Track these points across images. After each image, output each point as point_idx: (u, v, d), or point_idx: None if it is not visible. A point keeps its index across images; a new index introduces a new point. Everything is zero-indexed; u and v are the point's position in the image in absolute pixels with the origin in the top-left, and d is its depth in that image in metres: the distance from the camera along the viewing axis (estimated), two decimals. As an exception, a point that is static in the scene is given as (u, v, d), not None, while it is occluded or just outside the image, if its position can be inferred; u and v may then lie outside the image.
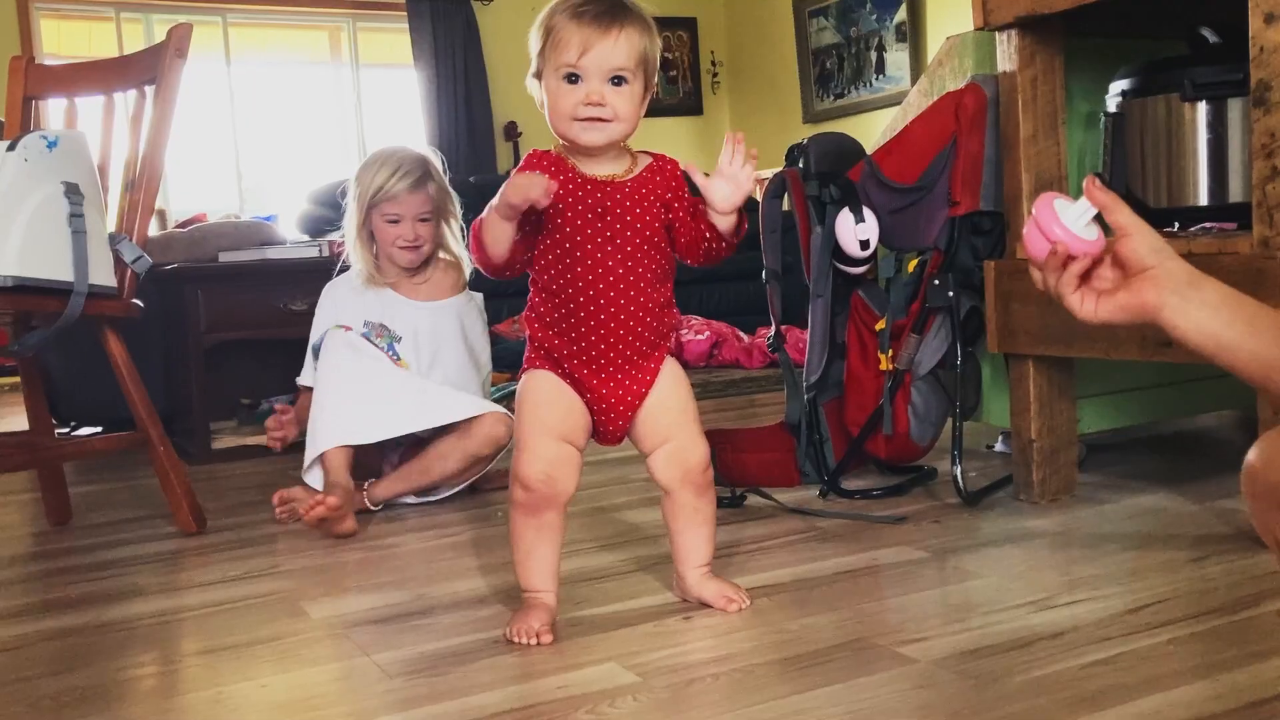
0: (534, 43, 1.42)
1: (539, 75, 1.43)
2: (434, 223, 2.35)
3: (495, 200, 1.37)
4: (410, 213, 2.31)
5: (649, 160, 1.48)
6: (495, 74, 7.06)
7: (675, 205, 1.46)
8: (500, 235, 1.39)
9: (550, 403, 1.46)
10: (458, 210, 2.41)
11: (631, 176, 1.45)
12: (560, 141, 1.46)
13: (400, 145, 2.41)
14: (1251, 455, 0.82)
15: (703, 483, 1.52)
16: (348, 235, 2.37)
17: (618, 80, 1.38)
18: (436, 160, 2.39)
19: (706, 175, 1.43)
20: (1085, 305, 0.95)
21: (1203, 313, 0.90)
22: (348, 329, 2.29)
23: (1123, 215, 0.94)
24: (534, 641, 1.41)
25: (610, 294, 1.43)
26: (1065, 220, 0.94)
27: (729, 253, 1.46)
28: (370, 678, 1.35)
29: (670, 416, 1.50)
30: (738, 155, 1.39)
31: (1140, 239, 0.93)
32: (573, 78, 1.38)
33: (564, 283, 1.44)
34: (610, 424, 1.49)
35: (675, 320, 1.52)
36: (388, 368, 2.27)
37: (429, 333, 2.36)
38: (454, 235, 2.40)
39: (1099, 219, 0.97)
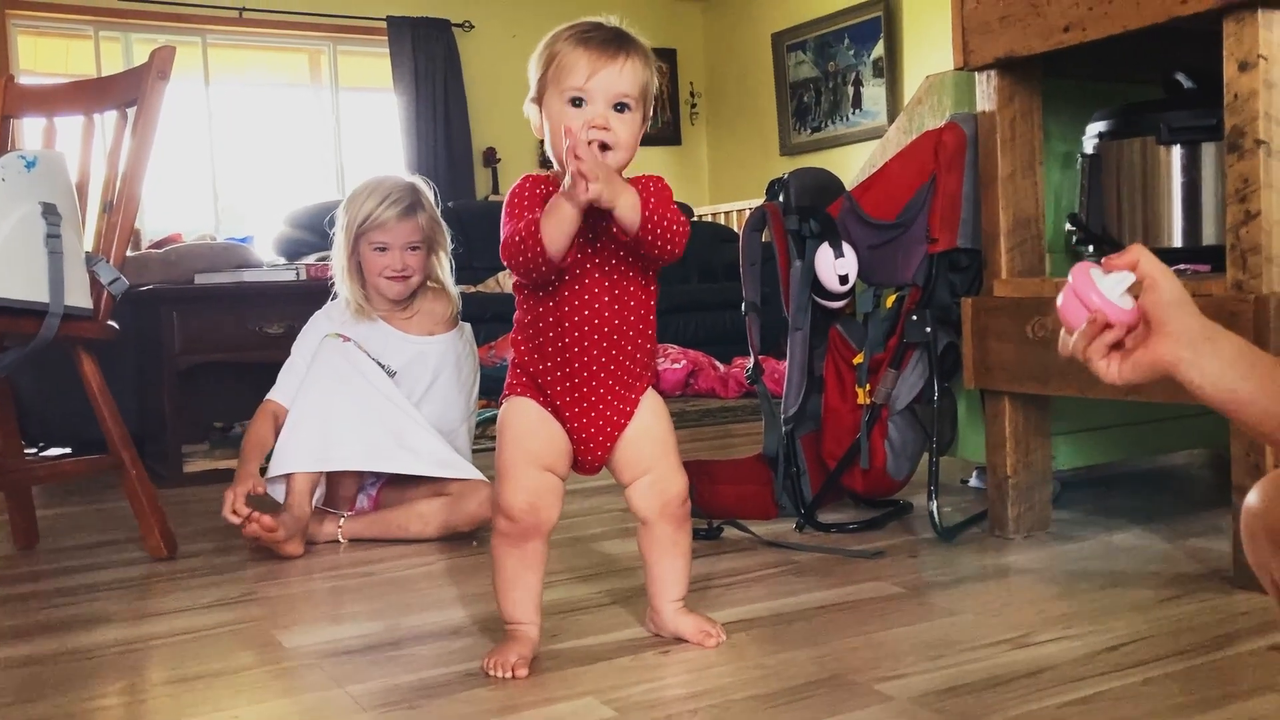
0: (535, 68, 1.42)
1: (538, 100, 1.42)
2: (423, 253, 2.30)
3: (562, 196, 1.32)
4: (398, 241, 2.27)
5: (630, 183, 1.45)
6: (475, 100, 7.09)
7: None
8: (567, 220, 1.32)
9: (533, 431, 1.46)
10: (448, 242, 2.36)
11: None
12: (556, 168, 1.43)
13: (391, 174, 2.38)
14: (1251, 498, 0.83)
15: (681, 515, 1.52)
16: (336, 265, 2.32)
17: (621, 107, 1.38)
18: (428, 191, 2.35)
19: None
20: (1110, 369, 0.96)
21: (1217, 367, 0.91)
22: (346, 339, 2.23)
23: (1148, 263, 0.95)
24: (509, 675, 1.39)
25: (596, 320, 1.43)
26: (1103, 288, 0.94)
27: (658, 242, 1.36)
28: (343, 710, 1.33)
29: (650, 448, 1.49)
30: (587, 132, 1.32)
31: (1164, 290, 0.93)
32: (577, 101, 1.37)
33: (552, 305, 1.43)
34: (589, 453, 1.49)
35: (655, 351, 1.52)
36: (381, 386, 2.20)
37: (422, 368, 2.31)
38: (443, 267, 2.36)
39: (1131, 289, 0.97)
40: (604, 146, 1.36)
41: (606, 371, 1.45)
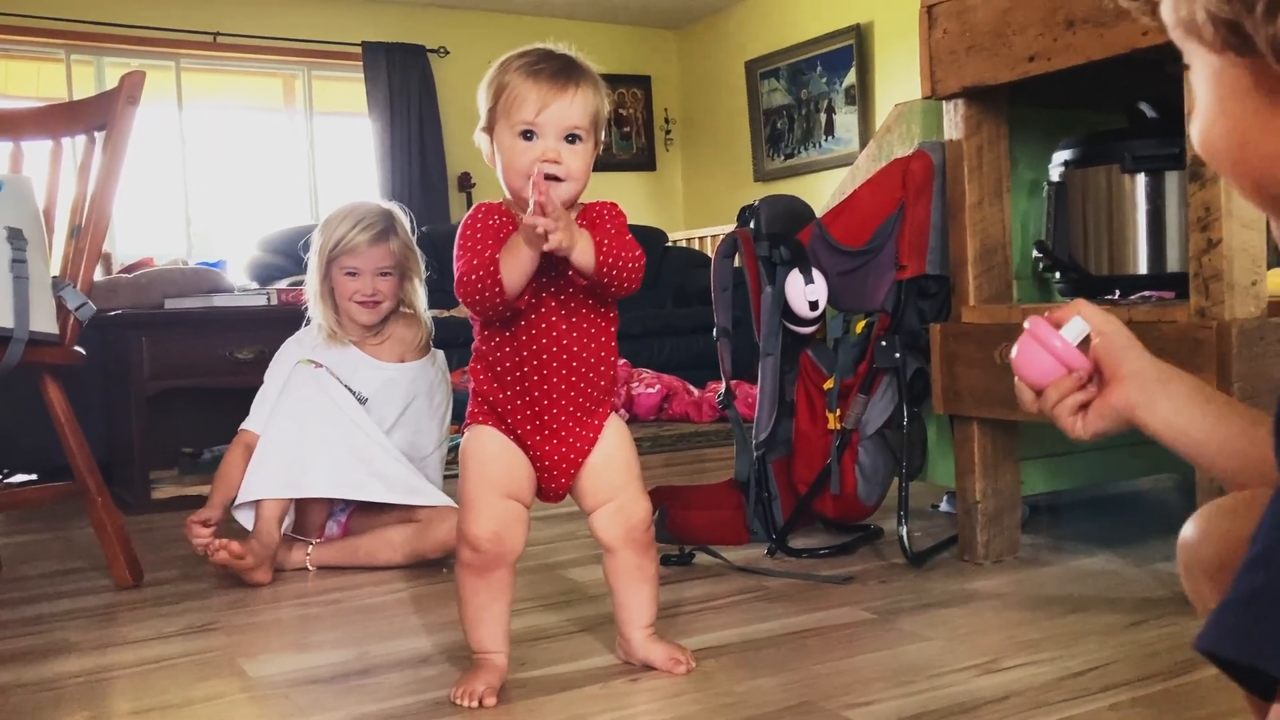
0: (484, 98, 1.42)
1: (489, 130, 1.42)
2: (395, 279, 2.29)
3: (520, 236, 1.32)
4: (369, 266, 2.26)
5: (585, 210, 1.45)
6: (450, 125, 7.10)
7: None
8: (526, 261, 1.33)
9: (495, 459, 1.45)
10: (423, 269, 2.36)
11: None
12: (508, 195, 1.44)
13: (367, 200, 2.37)
14: (1186, 530, 0.84)
15: (645, 541, 1.51)
16: (309, 290, 2.31)
17: (572, 138, 1.38)
18: (404, 217, 2.34)
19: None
20: (1076, 425, 0.96)
21: (1171, 408, 0.91)
22: (318, 365, 2.22)
23: (1093, 313, 0.96)
24: (477, 704, 1.38)
25: (554, 349, 1.42)
26: (1068, 336, 0.95)
27: (614, 284, 1.37)
28: (309, 740, 1.32)
29: (612, 475, 1.49)
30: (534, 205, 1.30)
31: (1115, 336, 0.94)
32: (528, 135, 1.37)
33: (509, 335, 1.43)
34: (553, 481, 1.48)
35: (617, 375, 1.51)
36: (352, 413, 2.19)
37: (393, 395, 2.31)
38: (417, 294, 2.35)
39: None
40: (555, 178, 1.36)
41: (567, 399, 1.44)
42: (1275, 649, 0.51)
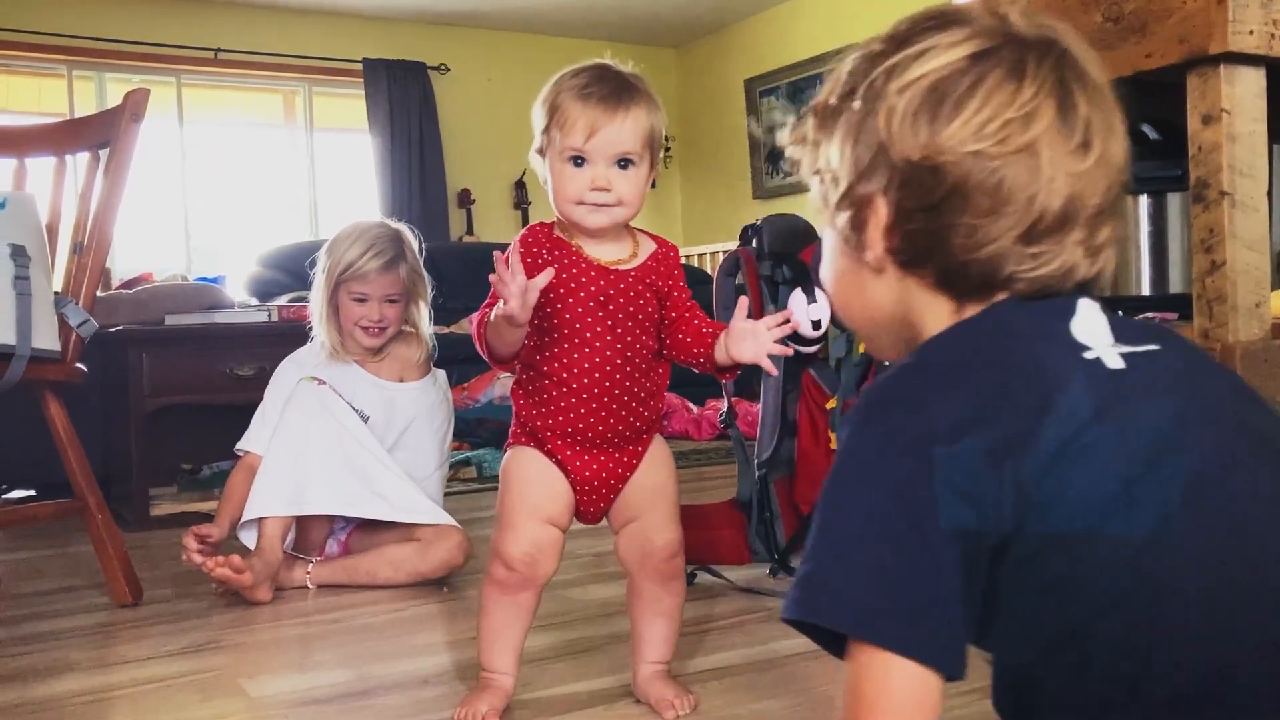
0: (537, 119, 1.38)
1: (542, 152, 1.38)
2: (401, 304, 2.29)
3: (497, 309, 1.31)
4: (378, 293, 2.25)
5: (653, 247, 1.44)
6: (450, 142, 7.11)
7: (673, 297, 1.43)
8: (513, 339, 1.34)
9: (538, 482, 1.41)
10: (428, 293, 2.35)
11: (635, 265, 1.40)
12: (557, 217, 1.42)
13: (376, 220, 2.35)
14: None
15: (667, 571, 1.46)
16: (314, 308, 2.30)
17: (624, 163, 1.35)
18: (413, 240, 2.33)
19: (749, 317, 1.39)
20: None
21: None
22: (321, 382, 2.21)
23: None
24: None
25: (606, 383, 1.39)
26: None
27: (706, 372, 1.45)
28: (310, 762, 1.31)
29: (642, 496, 1.45)
30: (777, 329, 1.35)
31: None
32: (578, 161, 1.34)
33: (559, 366, 1.39)
34: (591, 504, 1.44)
35: (663, 406, 1.49)
36: (355, 431, 2.18)
37: (395, 414, 2.30)
38: (421, 316, 2.34)
39: None
40: (604, 205, 1.35)
41: (613, 430, 1.41)
42: (818, 609, 0.71)
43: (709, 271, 6.81)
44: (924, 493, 0.69)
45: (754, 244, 2.31)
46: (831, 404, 2.21)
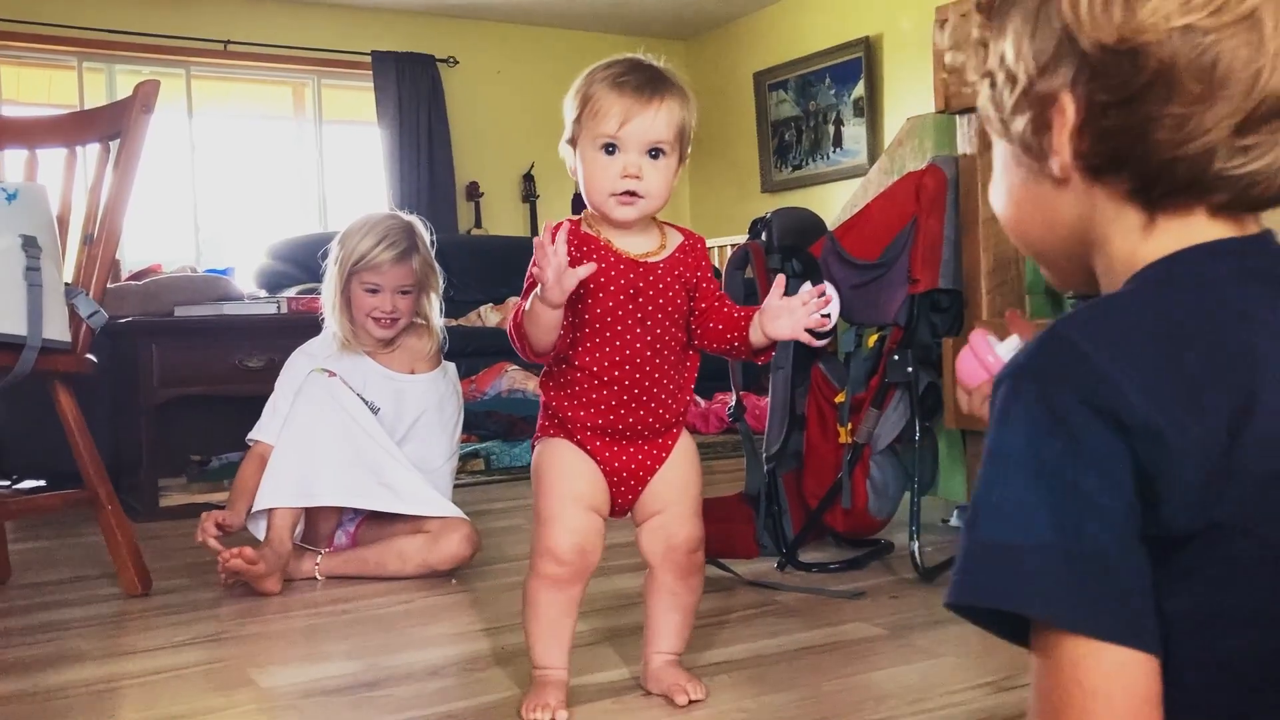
0: (569, 109, 1.38)
1: (573, 142, 1.39)
2: (414, 295, 2.29)
3: (535, 294, 1.31)
4: (391, 284, 2.25)
5: (679, 239, 1.44)
6: (459, 134, 7.11)
7: (701, 288, 1.44)
8: (551, 324, 1.33)
9: (575, 473, 1.41)
10: (440, 284, 2.35)
11: (664, 257, 1.41)
12: (589, 209, 1.42)
13: (389, 212, 2.36)
14: None
15: (687, 565, 1.46)
16: (326, 299, 2.31)
17: (655, 153, 1.36)
18: (425, 232, 2.34)
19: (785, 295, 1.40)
20: None
21: None
22: (331, 374, 2.21)
23: (1029, 332, 1.01)
24: (552, 718, 1.36)
25: (636, 375, 1.39)
26: (999, 351, 1.01)
27: (740, 357, 1.45)
28: (320, 753, 1.31)
29: (667, 490, 1.45)
30: (813, 301, 1.36)
31: None
32: (610, 148, 1.35)
33: (590, 360, 1.39)
34: (620, 496, 1.44)
35: (690, 398, 1.49)
36: (365, 422, 2.19)
37: (405, 406, 2.30)
38: (432, 307, 2.35)
39: None
40: (634, 194, 1.35)
41: (643, 422, 1.41)
42: (996, 592, 0.64)
43: (717, 264, 6.81)
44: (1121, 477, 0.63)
45: (763, 237, 2.31)
46: (840, 398, 2.21)
